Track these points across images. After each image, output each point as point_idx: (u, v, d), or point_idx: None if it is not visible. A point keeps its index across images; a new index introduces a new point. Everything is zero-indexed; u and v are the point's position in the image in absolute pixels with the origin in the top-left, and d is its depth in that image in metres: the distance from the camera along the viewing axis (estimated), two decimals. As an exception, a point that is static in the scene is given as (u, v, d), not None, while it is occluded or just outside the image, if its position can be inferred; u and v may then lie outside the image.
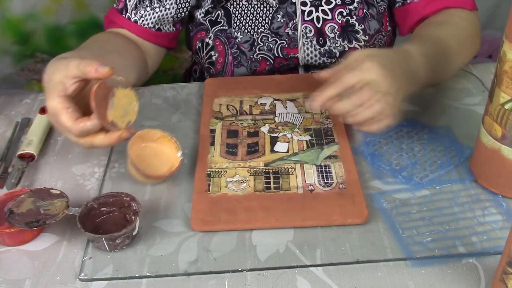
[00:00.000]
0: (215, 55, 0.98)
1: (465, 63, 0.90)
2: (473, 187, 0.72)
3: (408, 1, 0.94)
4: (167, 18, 0.95)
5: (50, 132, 0.85)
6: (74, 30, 1.39)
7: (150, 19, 0.94)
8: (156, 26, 0.95)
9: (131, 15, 0.94)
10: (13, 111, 0.91)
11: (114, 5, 0.97)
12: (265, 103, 0.87)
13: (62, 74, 0.66)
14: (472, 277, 0.60)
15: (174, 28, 0.98)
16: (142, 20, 0.94)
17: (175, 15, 0.95)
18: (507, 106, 0.63)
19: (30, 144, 0.79)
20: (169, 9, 0.94)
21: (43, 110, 0.87)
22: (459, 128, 0.81)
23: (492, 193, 0.70)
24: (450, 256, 0.63)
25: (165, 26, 0.96)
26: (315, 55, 0.95)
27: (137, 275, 0.62)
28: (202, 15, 0.97)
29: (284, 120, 0.83)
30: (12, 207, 0.65)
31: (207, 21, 0.97)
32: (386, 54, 0.72)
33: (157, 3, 0.93)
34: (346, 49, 0.95)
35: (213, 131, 0.81)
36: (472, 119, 0.83)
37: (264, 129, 0.81)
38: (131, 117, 0.70)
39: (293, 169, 0.74)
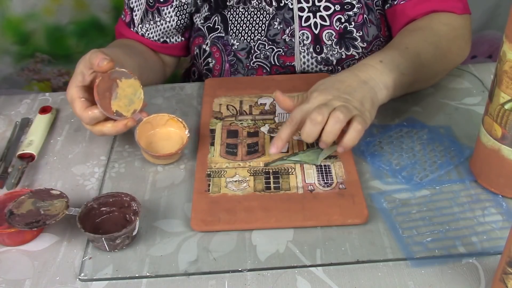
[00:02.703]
0: (212, 62, 0.98)
1: (450, 66, 0.89)
2: (473, 187, 0.72)
3: (395, 2, 0.93)
4: (170, 30, 0.98)
5: (50, 132, 0.85)
6: (74, 30, 1.39)
7: (155, 32, 0.98)
8: (162, 39, 0.99)
9: (138, 29, 0.98)
10: (13, 111, 0.91)
11: (122, 17, 1.00)
12: (265, 103, 0.87)
13: (82, 65, 0.74)
14: (472, 277, 0.60)
15: (182, 38, 1.01)
16: (148, 34, 0.98)
17: (177, 26, 0.98)
18: (507, 106, 0.63)
19: (30, 144, 0.79)
20: (169, 21, 0.97)
21: (43, 110, 0.87)
22: (459, 128, 0.81)
23: (492, 193, 0.70)
24: (450, 256, 0.63)
25: (172, 38, 1.00)
26: (312, 63, 0.95)
27: (137, 275, 0.62)
28: (202, 21, 0.97)
29: (284, 120, 0.83)
30: (13, 208, 0.65)
31: (205, 28, 0.97)
32: (333, 77, 0.76)
33: (158, 17, 0.96)
34: (343, 56, 0.95)
35: (213, 131, 0.81)
36: (472, 119, 0.83)
37: (264, 129, 0.81)
38: (136, 105, 0.75)
39: (293, 169, 0.74)
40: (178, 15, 0.96)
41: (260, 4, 0.93)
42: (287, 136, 0.73)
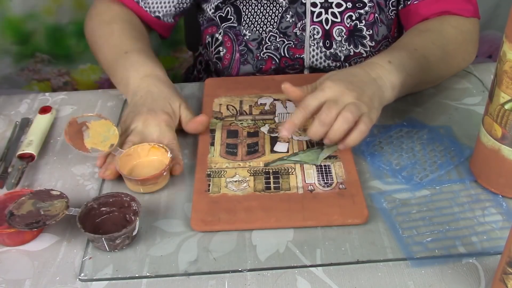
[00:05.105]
0: (223, 51, 0.98)
1: (455, 69, 0.90)
2: (473, 187, 0.72)
3: (409, 2, 0.94)
4: (170, 8, 0.95)
5: (50, 132, 0.85)
6: (74, 30, 1.39)
7: (152, 4, 0.94)
8: (156, 14, 0.95)
9: None
10: (13, 111, 0.91)
11: None
12: (265, 103, 0.87)
13: None
14: (472, 277, 0.60)
15: (172, 20, 0.98)
16: (144, 4, 0.94)
17: (177, 4, 0.95)
18: (507, 106, 0.63)
19: (30, 144, 0.79)
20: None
21: (43, 110, 0.87)
22: (459, 128, 0.81)
23: (492, 193, 0.70)
24: (450, 256, 0.63)
25: (165, 17, 0.96)
26: (320, 57, 0.96)
27: (137, 275, 0.62)
28: (212, 10, 0.97)
29: (284, 120, 0.83)
30: (13, 209, 0.65)
31: (217, 17, 0.97)
32: (346, 70, 0.77)
33: None
34: (352, 53, 0.95)
35: (213, 131, 0.81)
36: (472, 119, 0.83)
37: (264, 129, 0.81)
38: (112, 140, 0.74)
39: (293, 169, 0.74)
40: None
41: None
42: (300, 122, 0.73)
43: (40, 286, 0.61)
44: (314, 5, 0.93)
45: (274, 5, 0.94)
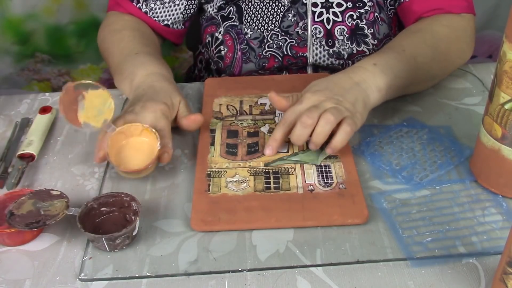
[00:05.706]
0: (224, 50, 0.98)
1: (449, 68, 0.90)
2: (473, 187, 0.72)
3: (402, 0, 0.94)
4: (177, 14, 0.97)
5: (50, 132, 0.85)
6: (74, 30, 1.38)
7: (160, 13, 0.96)
8: (164, 22, 0.97)
9: (142, 6, 0.96)
10: (13, 111, 0.91)
11: None
12: (265, 103, 0.87)
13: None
14: (472, 277, 0.60)
15: (183, 26, 1.00)
16: (152, 13, 0.96)
17: (184, 11, 0.97)
18: (507, 106, 0.63)
19: (30, 144, 0.79)
20: (178, 5, 0.95)
21: (43, 110, 0.87)
22: (459, 128, 0.81)
23: (492, 193, 0.70)
24: (450, 256, 0.63)
25: (175, 24, 0.98)
26: (324, 55, 0.96)
27: (137, 275, 0.62)
28: (215, 10, 0.97)
29: None
30: (13, 209, 0.65)
31: (218, 16, 0.97)
32: (327, 78, 0.77)
33: None
34: (354, 51, 0.96)
35: (213, 131, 0.81)
36: (472, 119, 0.83)
37: (264, 129, 0.81)
38: (106, 115, 0.71)
39: (293, 169, 0.74)
40: None
41: None
42: (280, 137, 0.74)
43: (40, 286, 0.61)
44: (315, 5, 0.93)
45: (276, 4, 0.94)
